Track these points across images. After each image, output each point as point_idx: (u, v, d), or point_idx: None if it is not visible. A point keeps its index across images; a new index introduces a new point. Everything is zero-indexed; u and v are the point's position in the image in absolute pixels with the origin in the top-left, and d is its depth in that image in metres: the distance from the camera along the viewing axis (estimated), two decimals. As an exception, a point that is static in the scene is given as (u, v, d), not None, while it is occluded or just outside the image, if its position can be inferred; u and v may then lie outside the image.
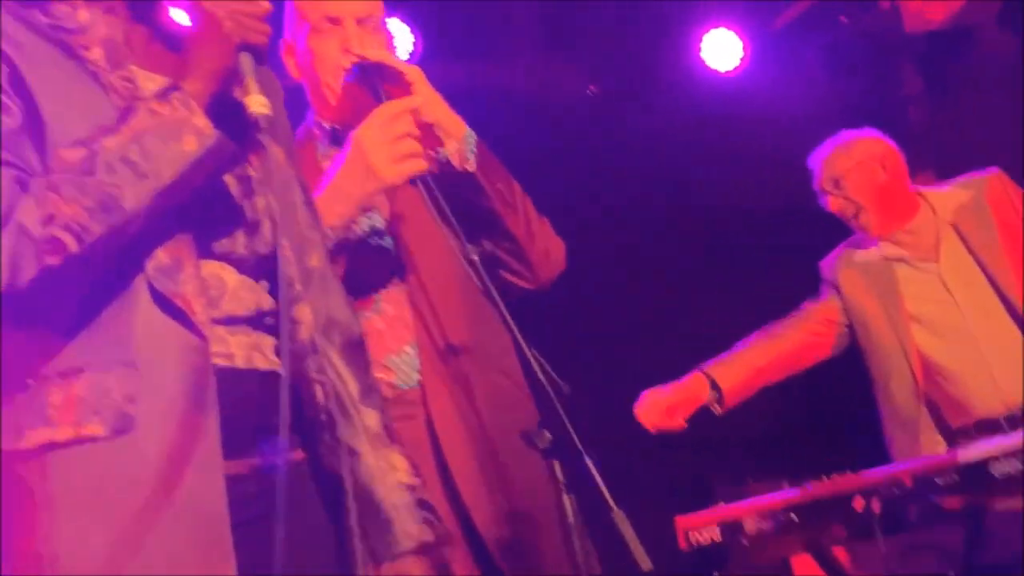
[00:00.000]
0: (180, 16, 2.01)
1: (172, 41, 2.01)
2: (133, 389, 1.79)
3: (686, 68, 5.78)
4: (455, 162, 2.73)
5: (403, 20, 5.40)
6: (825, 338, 4.42)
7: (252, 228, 1.97)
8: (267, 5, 1.92)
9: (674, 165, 5.81)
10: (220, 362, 1.88)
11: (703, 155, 5.78)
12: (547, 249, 2.88)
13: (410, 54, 5.37)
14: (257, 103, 1.85)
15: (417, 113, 2.62)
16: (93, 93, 1.90)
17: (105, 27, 1.97)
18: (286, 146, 2.11)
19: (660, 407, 4.05)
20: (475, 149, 2.76)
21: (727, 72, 5.79)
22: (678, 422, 4.07)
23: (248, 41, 1.88)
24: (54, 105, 1.86)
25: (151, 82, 1.94)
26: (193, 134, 1.82)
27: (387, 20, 5.25)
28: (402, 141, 2.54)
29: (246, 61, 1.89)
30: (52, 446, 1.78)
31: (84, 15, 1.96)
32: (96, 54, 1.93)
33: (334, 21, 2.77)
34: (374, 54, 2.69)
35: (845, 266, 4.44)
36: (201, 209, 1.90)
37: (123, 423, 1.78)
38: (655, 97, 5.79)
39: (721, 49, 5.77)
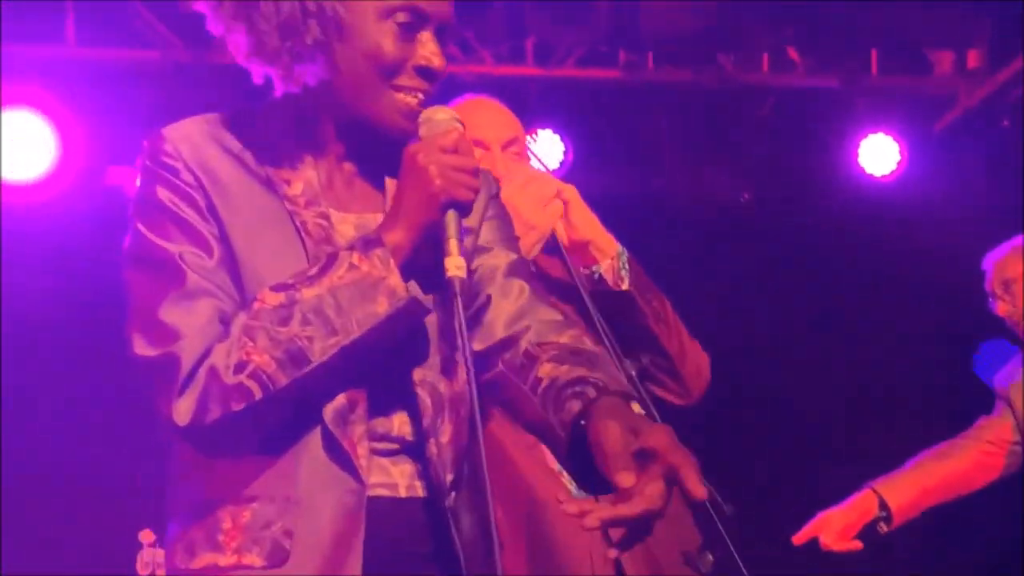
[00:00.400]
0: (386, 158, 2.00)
1: (377, 181, 2.03)
2: (292, 524, 1.87)
3: (843, 173, 5.71)
4: (609, 280, 2.77)
5: (555, 130, 5.45)
6: (996, 458, 4.23)
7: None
8: (476, 162, 1.93)
9: (830, 271, 5.73)
10: (383, 492, 1.93)
11: (860, 261, 5.70)
12: (698, 366, 2.91)
13: (561, 163, 5.41)
14: (454, 265, 1.86)
15: (573, 230, 2.65)
16: (287, 232, 1.93)
17: (311, 163, 1.99)
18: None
19: (835, 527, 3.93)
20: (628, 267, 2.80)
21: (884, 177, 5.71)
22: (854, 543, 3.94)
23: (455, 198, 1.88)
24: (246, 241, 1.92)
25: (346, 224, 1.97)
26: (386, 295, 1.86)
27: (539, 131, 5.43)
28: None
29: (451, 219, 1.88)
30: (216, 570, 1.88)
31: (292, 147, 1.99)
32: (295, 190, 1.96)
33: (480, 145, 2.83)
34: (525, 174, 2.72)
35: (1020, 380, 4.26)
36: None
37: (278, 556, 1.86)
38: (810, 203, 5.73)
39: (879, 154, 5.70)
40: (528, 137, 5.37)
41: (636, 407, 1.89)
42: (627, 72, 5.53)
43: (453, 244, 1.86)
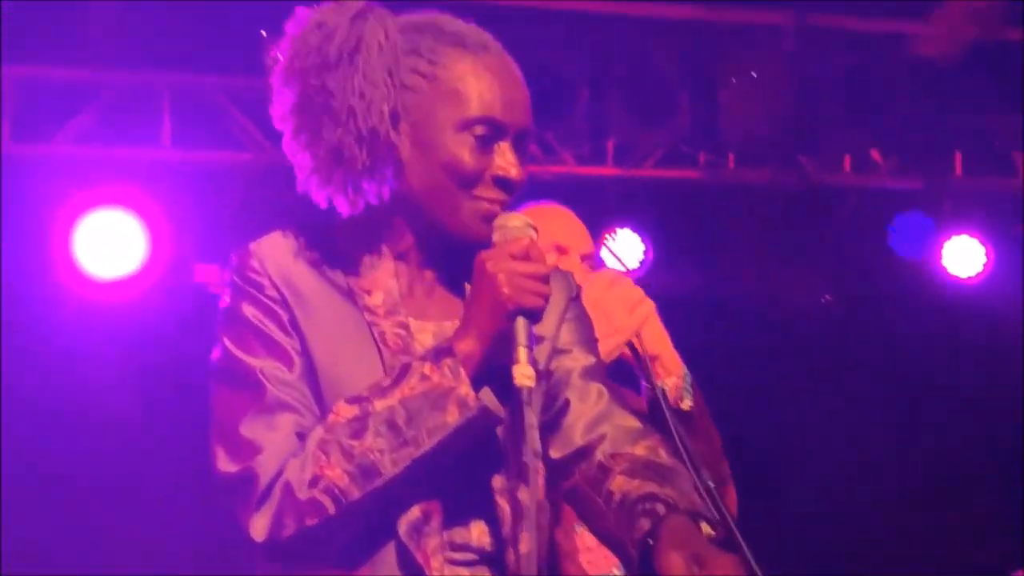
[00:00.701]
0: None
1: (457, 289, 2.03)
2: None
3: (927, 275, 5.66)
4: (670, 397, 2.77)
5: (634, 230, 5.47)
6: None
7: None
8: (547, 268, 1.91)
9: (916, 374, 5.65)
10: None
11: (946, 364, 5.62)
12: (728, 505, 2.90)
13: (640, 262, 5.42)
14: (521, 374, 1.83)
15: (642, 342, 2.67)
16: (365, 343, 1.94)
17: (392, 271, 2.00)
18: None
19: None
20: (692, 388, 2.80)
21: (969, 279, 5.65)
22: None
23: (524, 306, 1.87)
24: (326, 353, 1.93)
25: (425, 333, 1.97)
26: (456, 405, 1.86)
27: (619, 230, 5.44)
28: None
29: (521, 327, 1.86)
30: None
31: (375, 257, 2.00)
32: (375, 300, 1.97)
33: (562, 249, 2.89)
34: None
35: None
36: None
37: None
38: (895, 306, 5.68)
39: (963, 255, 5.65)
40: (607, 236, 5.43)
41: (706, 527, 1.86)
42: (707, 172, 5.55)
43: (522, 352, 1.84)
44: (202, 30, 4.93)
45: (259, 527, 1.85)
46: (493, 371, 1.89)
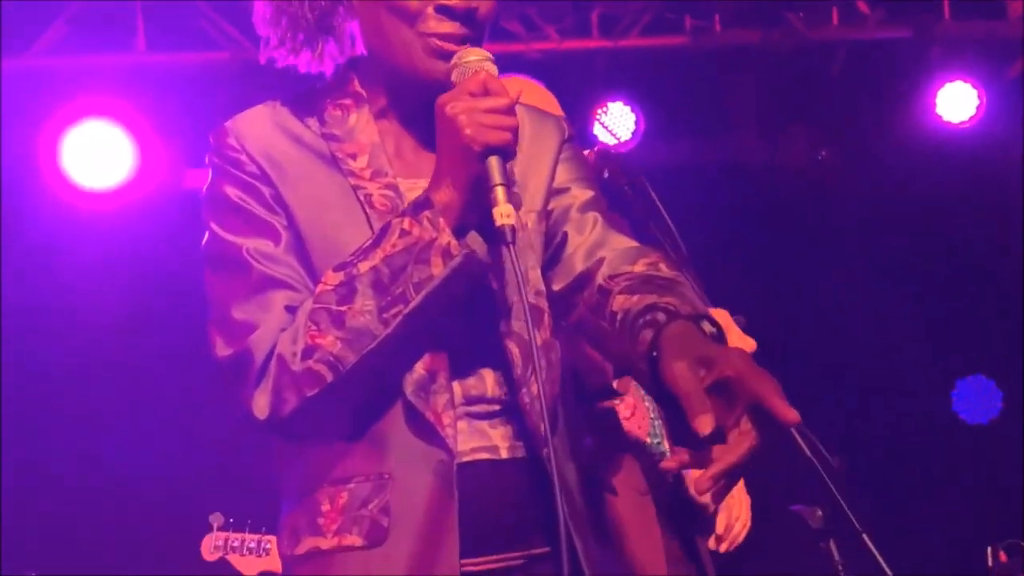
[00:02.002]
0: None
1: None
2: (387, 501, 1.86)
3: (921, 123, 5.63)
4: None
5: (625, 102, 5.42)
6: None
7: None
8: (510, 97, 1.83)
9: (914, 222, 5.65)
10: (483, 456, 1.90)
11: (943, 210, 5.61)
12: None
13: (633, 134, 5.38)
14: (501, 214, 1.77)
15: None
16: (351, 208, 1.91)
17: (375, 133, 1.96)
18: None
19: None
20: None
21: (963, 123, 5.62)
22: None
23: (491, 143, 1.80)
24: (312, 223, 1.90)
25: (416, 191, 1.91)
26: (440, 256, 1.82)
27: (610, 104, 5.40)
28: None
29: (493, 165, 1.79)
30: (319, 553, 1.88)
31: (353, 120, 1.97)
32: (360, 163, 1.93)
33: None
34: None
35: None
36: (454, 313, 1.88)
37: (377, 535, 1.85)
38: (890, 155, 5.65)
39: (956, 101, 5.61)
40: (599, 111, 5.38)
41: (708, 327, 1.78)
42: (695, 37, 5.47)
43: (499, 192, 1.78)
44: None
45: (260, 404, 1.84)
46: (482, 218, 1.83)
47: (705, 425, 1.61)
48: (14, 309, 5.03)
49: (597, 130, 5.29)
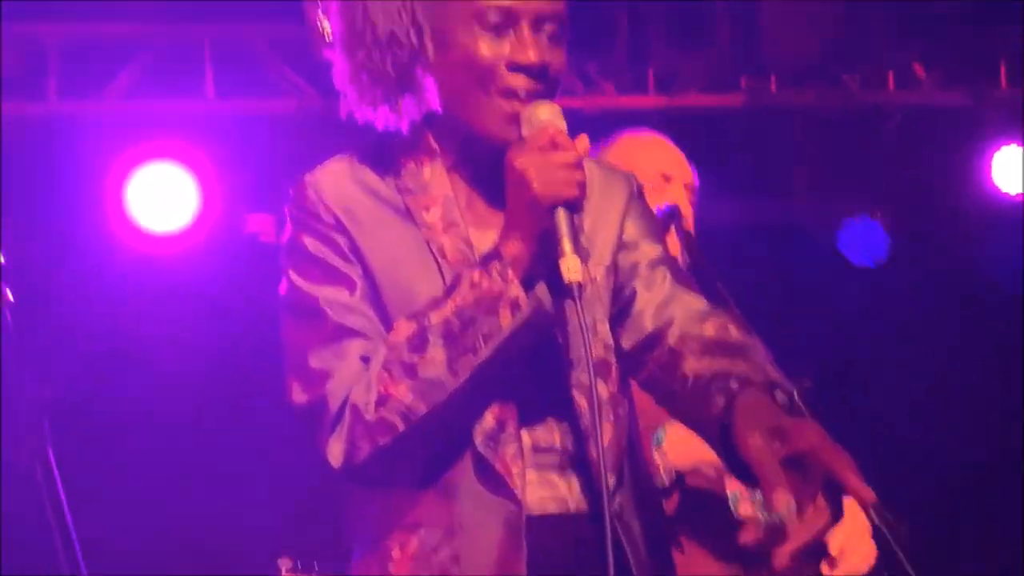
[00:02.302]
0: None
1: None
2: (457, 549, 1.89)
3: (975, 189, 5.61)
4: None
5: (680, 159, 5.44)
6: None
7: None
8: (578, 151, 1.88)
9: (966, 289, 5.62)
10: (552, 509, 1.94)
11: (996, 278, 5.58)
12: None
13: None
14: (569, 267, 1.82)
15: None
16: (425, 260, 1.96)
17: (448, 186, 2.00)
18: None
19: None
20: None
21: (1019, 194, 5.58)
22: None
23: (559, 197, 1.84)
24: (388, 275, 1.95)
25: (488, 243, 1.95)
26: (508, 307, 1.86)
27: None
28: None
29: (561, 219, 1.84)
30: None
31: (428, 173, 2.01)
32: (433, 216, 1.98)
33: (667, 178, 2.97)
34: None
35: None
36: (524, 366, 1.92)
37: None
38: (943, 221, 5.64)
39: (1011, 168, 5.57)
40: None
41: (781, 396, 1.81)
42: (750, 96, 5.52)
43: (566, 244, 1.83)
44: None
45: (335, 452, 1.88)
46: (551, 270, 1.87)
47: (781, 500, 1.63)
48: (76, 350, 5.11)
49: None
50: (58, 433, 3.13)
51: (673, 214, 2.79)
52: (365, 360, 1.91)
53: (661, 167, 2.94)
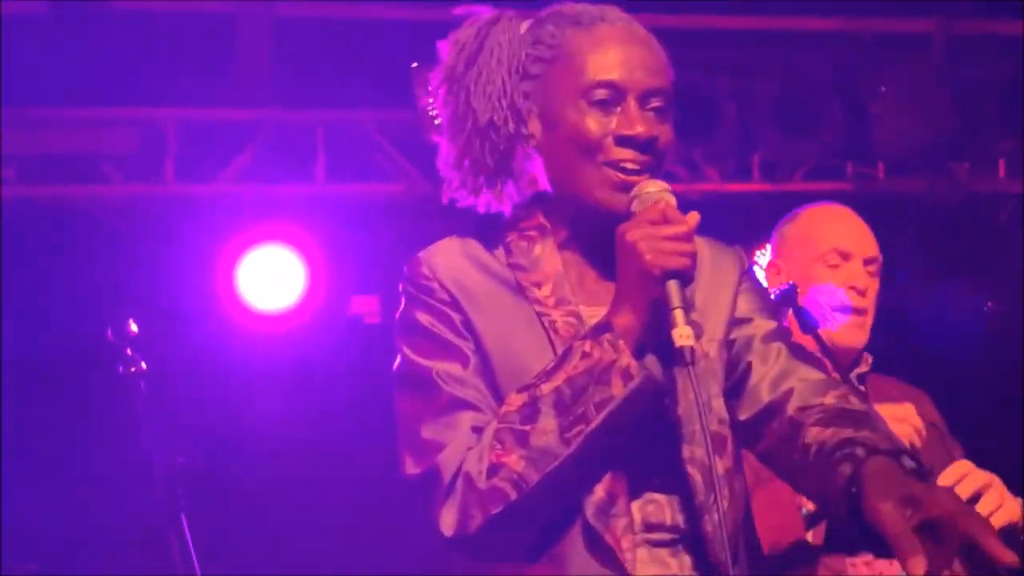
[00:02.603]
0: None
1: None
2: None
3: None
4: None
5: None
6: None
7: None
8: (689, 224, 1.90)
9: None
10: None
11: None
12: None
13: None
14: (681, 336, 1.83)
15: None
16: (537, 334, 1.97)
17: (558, 263, 2.03)
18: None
19: None
20: None
21: None
22: None
23: (669, 268, 1.86)
24: (500, 349, 1.97)
25: (598, 318, 1.96)
26: (620, 377, 1.86)
27: (768, 247, 5.39)
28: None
29: (672, 290, 1.86)
30: None
31: (538, 250, 2.03)
32: (544, 292, 2.00)
33: (844, 254, 2.92)
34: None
35: None
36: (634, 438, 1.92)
37: None
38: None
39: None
40: (758, 251, 5.39)
41: (908, 462, 1.79)
42: (857, 184, 5.48)
43: (678, 314, 1.84)
44: (351, 66, 5.08)
45: (448, 521, 1.88)
46: (657, 343, 1.89)
47: (918, 568, 1.61)
48: (193, 422, 5.21)
49: (757, 271, 5.30)
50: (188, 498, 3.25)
51: (789, 295, 2.77)
52: (477, 431, 1.92)
53: (837, 242, 2.92)
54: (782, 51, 5.34)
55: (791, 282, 2.80)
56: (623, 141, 1.96)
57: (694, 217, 1.91)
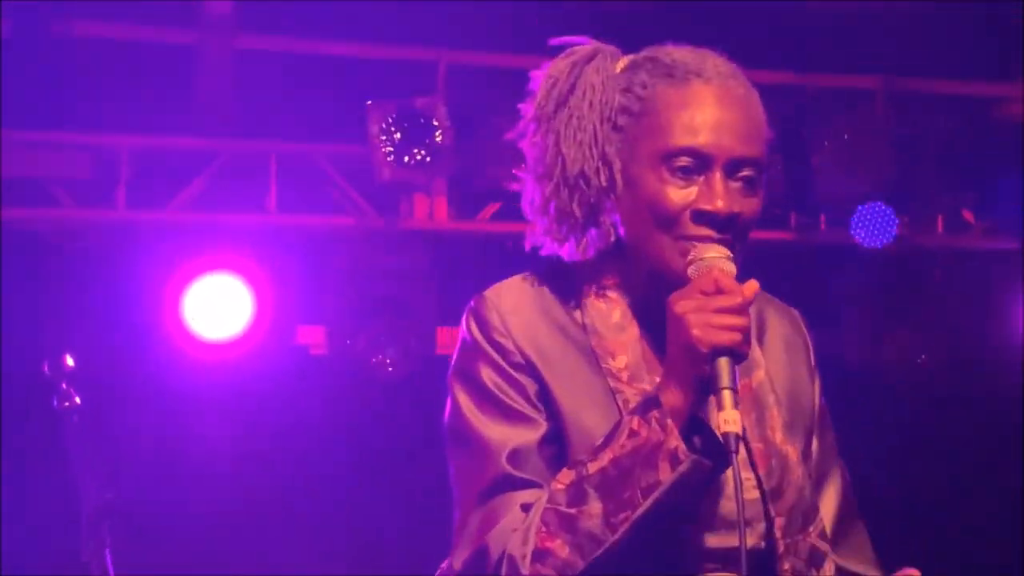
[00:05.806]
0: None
1: None
2: None
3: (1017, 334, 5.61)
4: None
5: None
6: None
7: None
8: (742, 297, 1.77)
9: (1011, 437, 5.59)
10: None
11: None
12: None
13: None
14: (726, 421, 1.72)
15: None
16: (609, 410, 1.86)
17: (635, 331, 1.90)
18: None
19: None
20: None
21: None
22: None
23: (718, 345, 1.74)
24: (572, 421, 1.86)
25: None
26: (667, 460, 1.74)
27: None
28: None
29: (721, 368, 1.74)
30: None
31: (616, 316, 1.91)
32: (619, 363, 1.88)
33: None
34: None
35: None
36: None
37: None
38: (986, 365, 5.63)
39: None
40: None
41: None
42: (800, 234, 5.58)
43: (725, 396, 1.72)
44: (306, 100, 5.13)
45: None
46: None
47: None
48: (130, 452, 5.19)
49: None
50: (115, 533, 3.24)
51: None
52: (526, 508, 1.82)
53: None
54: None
55: None
56: (700, 217, 1.84)
57: (752, 287, 1.80)
